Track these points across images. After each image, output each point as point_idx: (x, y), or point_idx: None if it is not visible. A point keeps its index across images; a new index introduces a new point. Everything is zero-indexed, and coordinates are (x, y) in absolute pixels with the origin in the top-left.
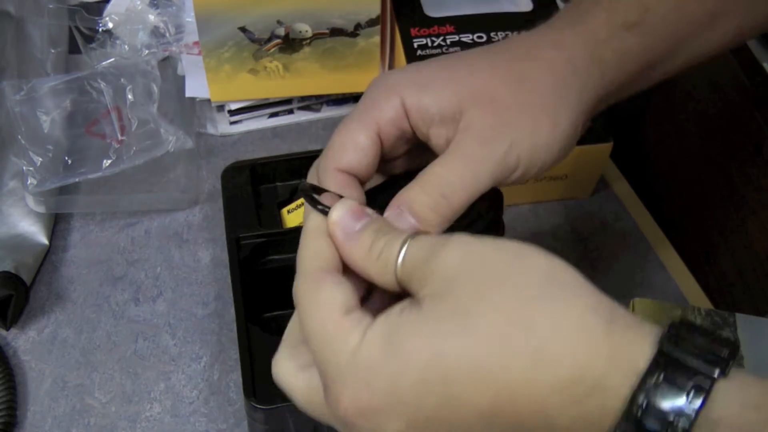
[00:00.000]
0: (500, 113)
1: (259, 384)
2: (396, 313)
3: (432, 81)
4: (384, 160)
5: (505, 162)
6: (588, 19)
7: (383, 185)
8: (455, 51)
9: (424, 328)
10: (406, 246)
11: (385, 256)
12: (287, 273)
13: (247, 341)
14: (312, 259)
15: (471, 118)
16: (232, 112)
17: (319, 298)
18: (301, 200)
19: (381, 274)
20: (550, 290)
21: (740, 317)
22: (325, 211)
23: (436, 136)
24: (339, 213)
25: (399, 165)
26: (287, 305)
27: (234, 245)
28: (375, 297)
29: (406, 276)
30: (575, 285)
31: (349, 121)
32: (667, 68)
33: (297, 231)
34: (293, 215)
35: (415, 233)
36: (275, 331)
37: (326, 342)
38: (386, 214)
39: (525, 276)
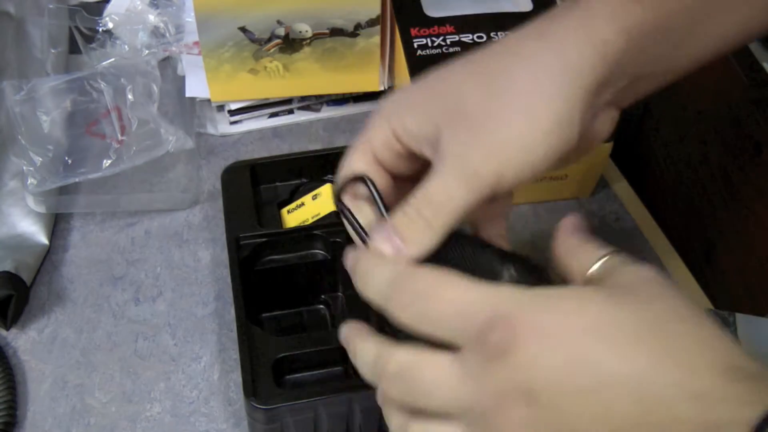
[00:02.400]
0: (471, 126)
1: (259, 384)
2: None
3: (412, 103)
4: (399, 178)
5: (482, 176)
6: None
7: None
8: (455, 51)
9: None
10: None
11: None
12: (287, 273)
13: (247, 341)
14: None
15: (444, 139)
16: (232, 112)
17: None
18: (301, 200)
19: None
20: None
21: (740, 317)
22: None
23: (429, 155)
24: None
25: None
26: (287, 305)
27: (234, 245)
28: None
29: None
30: None
31: (349, 149)
32: (692, 50)
33: (297, 231)
34: (293, 215)
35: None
36: (275, 331)
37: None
38: (372, 236)
39: None
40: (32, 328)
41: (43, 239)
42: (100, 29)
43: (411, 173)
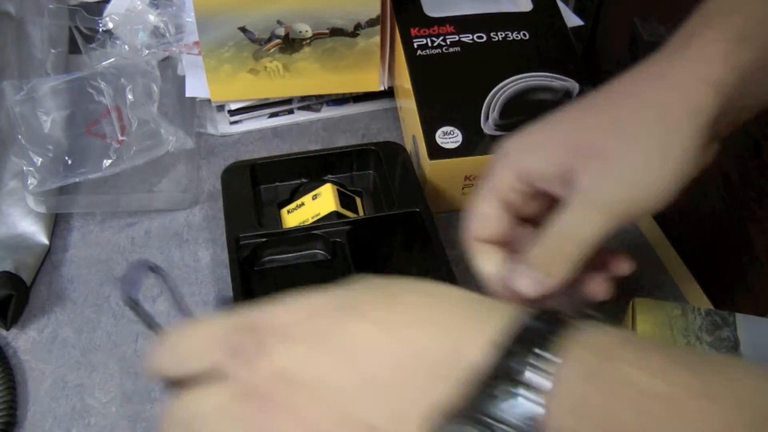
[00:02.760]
0: (604, 163)
1: None
2: None
3: (539, 145)
4: (524, 217)
5: (616, 208)
6: (697, 40)
7: None
8: (455, 51)
9: None
10: None
11: None
12: (287, 273)
13: None
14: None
15: (577, 175)
16: (232, 112)
17: None
18: (301, 200)
19: None
20: None
21: (740, 317)
22: None
23: (560, 192)
24: None
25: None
26: None
27: (234, 245)
28: None
29: None
30: None
31: (477, 194)
32: None
33: (296, 231)
34: (293, 215)
35: None
36: None
37: None
38: (516, 269)
39: None
40: (32, 328)
41: (43, 239)
42: (100, 29)
43: (533, 213)
